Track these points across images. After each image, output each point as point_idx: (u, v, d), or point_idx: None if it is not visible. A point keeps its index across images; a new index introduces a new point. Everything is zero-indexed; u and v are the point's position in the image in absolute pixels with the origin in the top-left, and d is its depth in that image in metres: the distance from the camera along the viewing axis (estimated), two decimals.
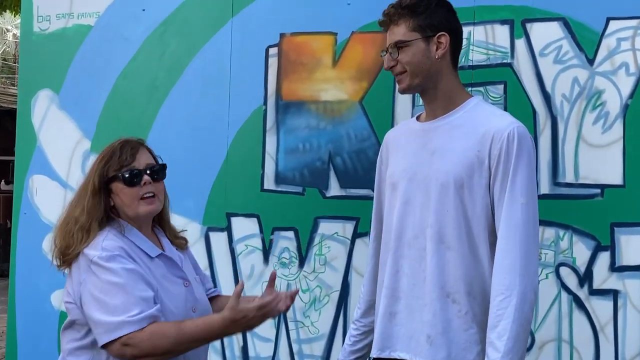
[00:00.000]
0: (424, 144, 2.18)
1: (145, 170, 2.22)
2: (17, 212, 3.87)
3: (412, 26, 2.20)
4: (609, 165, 3.15)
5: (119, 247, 2.16)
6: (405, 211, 2.16)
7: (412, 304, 2.12)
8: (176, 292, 2.19)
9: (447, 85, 2.19)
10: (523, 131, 2.10)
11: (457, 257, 2.08)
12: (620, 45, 3.17)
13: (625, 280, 3.14)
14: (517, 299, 1.99)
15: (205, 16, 3.68)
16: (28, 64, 3.94)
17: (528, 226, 2.04)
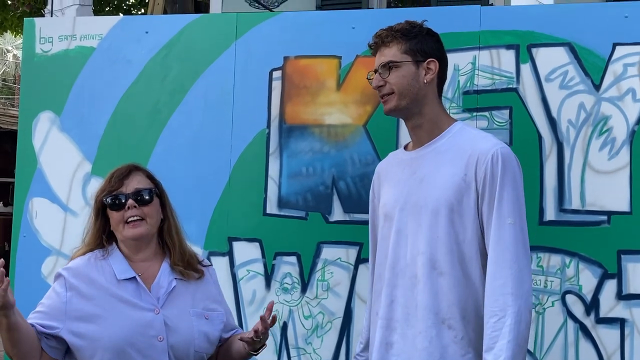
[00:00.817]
0: (412, 172, 2.19)
1: (131, 195, 2.27)
2: (17, 235, 3.85)
3: (403, 49, 2.25)
4: (615, 192, 3.15)
5: (75, 268, 2.31)
6: (397, 241, 2.17)
7: (407, 333, 2.12)
8: (134, 315, 2.19)
9: (432, 110, 2.23)
10: (507, 152, 2.12)
11: (450, 282, 2.08)
12: (627, 71, 3.17)
13: (632, 309, 3.13)
14: (511, 319, 2.00)
15: (208, 39, 3.68)
16: (30, 86, 3.93)
17: (517, 246, 2.05)
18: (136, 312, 2.19)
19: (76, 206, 3.78)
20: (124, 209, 2.29)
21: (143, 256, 2.32)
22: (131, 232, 2.29)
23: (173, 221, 2.42)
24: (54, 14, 4.36)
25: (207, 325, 2.27)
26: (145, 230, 2.29)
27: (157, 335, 2.17)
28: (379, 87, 2.30)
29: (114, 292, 2.20)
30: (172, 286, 2.28)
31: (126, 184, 2.32)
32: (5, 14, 11.83)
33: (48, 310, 2.22)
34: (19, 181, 3.89)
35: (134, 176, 2.37)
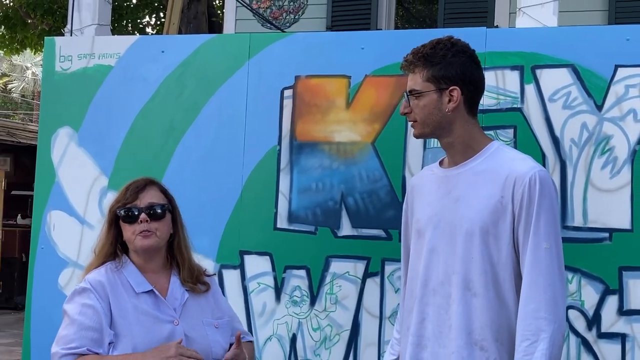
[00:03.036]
0: (448, 191, 2.16)
1: (145, 209, 2.28)
2: (35, 247, 3.87)
3: (426, 76, 2.20)
4: (617, 210, 3.15)
5: (98, 281, 2.28)
6: (430, 259, 2.14)
7: (438, 352, 2.10)
8: (156, 327, 2.20)
9: (463, 134, 2.18)
10: (545, 175, 2.09)
11: (483, 303, 2.05)
12: (629, 92, 3.18)
13: (633, 324, 3.12)
14: (544, 344, 1.97)
15: (222, 58, 3.71)
16: (49, 102, 3.96)
17: (553, 270, 2.02)
18: (158, 325, 2.20)
19: (93, 219, 3.79)
20: (137, 222, 2.30)
21: (153, 266, 2.33)
22: (141, 243, 2.30)
23: (182, 237, 2.43)
24: (73, 33, 4.39)
25: (219, 334, 2.28)
26: (154, 242, 2.30)
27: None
28: (405, 114, 2.27)
29: (135, 305, 2.21)
30: (185, 298, 2.29)
31: (141, 198, 2.34)
32: (26, 32, 11.88)
33: (98, 325, 2.19)
34: (37, 194, 3.91)
35: (149, 190, 2.38)
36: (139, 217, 2.29)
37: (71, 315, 2.24)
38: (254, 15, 7.11)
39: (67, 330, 2.22)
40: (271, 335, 3.50)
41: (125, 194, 2.37)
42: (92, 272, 2.33)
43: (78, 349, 2.17)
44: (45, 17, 11.11)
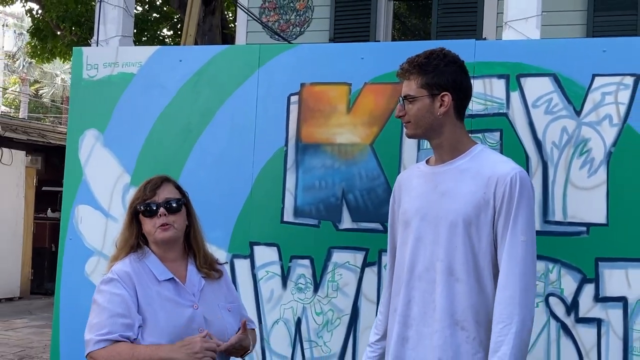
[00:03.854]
0: (434, 186, 2.18)
1: (162, 204, 2.29)
2: (63, 238, 3.88)
3: (420, 83, 2.21)
4: (594, 206, 3.15)
5: (124, 271, 2.27)
6: (417, 247, 2.15)
7: (422, 330, 2.11)
8: (178, 312, 2.20)
9: (451, 135, 2.20)
10: (524, 176, 2.11)
11: (465, 288, 2.07)
12: (605, 99, 3.18)
13: (608, 310, 3.12)
14: (516, 327, 1.99)
15: (234, 67, 3.71)
16: (77, 106, 3.97)
17: (527, 261, 2.04)
18: (179, 309, 2.20)
19: (116, 213, 3.80)
20: (156, 216, 2.31)
21: (172, 256, 2.33)
22: (161, 235, 2.30)
23: (196, 227, 2.43)
24: (99, 44, 4.40)
25: (231, 317, 2.29)
26: (173, 234, 2.31)
27: (199, 327, 2.20)
28: (399, 116, 2.28)
29: (159, 292, 2.21)
30: (202, 284, 2.29)
31: (158, 194, 2.34)
32: (55, 42, 11.89)
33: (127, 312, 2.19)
34: (66, 190, 3.92)
35: (165, 187, 2.38)
36: (158, 211, 2.30)
37: (101, 304, 2.23)
38: (263, 28, 7.11)
39: (99, 318, 2.21)
40: (278, 319, 3.51)
41: (144, 191, 2.38)
42: (117, 264, 2.33)
43: (111, 335, 2.16)
44: (74, 28, 11.12)
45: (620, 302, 3.11)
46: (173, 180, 2.48)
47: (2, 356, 7.24)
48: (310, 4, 7.18)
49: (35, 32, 12.19)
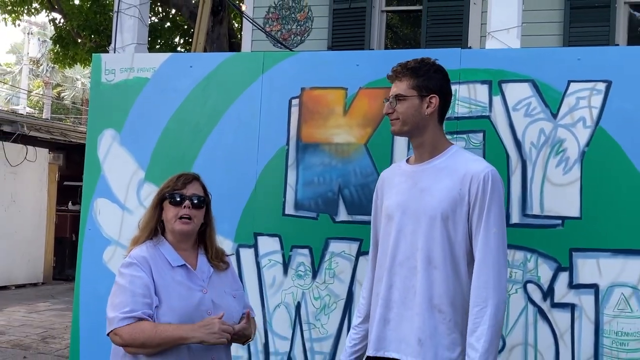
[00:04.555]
0: (414, 183, 2.19)
1: (189, 197, 2.29)
2: (83, 228, 3.89)
3: (411, 85, 2.22)
4: (568, 201, 3.16)
5: (142, 256, 2.27)
6: (399, 238, 2.16)
7: (402, 313, 2.12)
8: (188, 295, 2.21)
9: (432, 136, 2.21)
10: (495, 174, 2.12)
11: (442, 275, 2.08)
12: (579, 103, 3.18)
13: (581, 296, 3.13)
14: (491, 310, 2.00)
15: (240, 73, 3.71)
16: (96, 108, 3.97)
17: (499, 251, 2.05)
18: (190, 293, 2.21)
19: (132, 205, 3.81)
20: (181, 206, 2.30)
21: (185, 246, 2.33)
22: (180, 227, 2.30)
23: (212, 227, 2.43)
24: (116, 51, 4.40)
25: (236, 302, 2.30)
26: (191, 228, 2.31)
27: (207, 310, 2.20)
28: (388, 114, 2.29)
29: (172, 277, 2.22)
30: (210, 272, 2.30)
31: (188, 188, 2.34)
32: (76, 49, 11.87)
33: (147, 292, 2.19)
34: (86, 185, 3.92)
35: (194, 184, 2.38)
36: (184, 202, 2.29)
37: (123, 285, 2.22)
38: (267, 36, 7.11)
39: (122, 298, 2.20)
40: (280, 303, 3.52)
41: (176, 182, 2.37)
42: (135, 249, 2.32)
43: (135, 312, 2.16)
44: (93, 37, 11.12)
45: (592, 289, 3.11)
46: (201, 180, 2.47)
47: (27, 336, 7.25)
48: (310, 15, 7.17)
49: (58, 39, 12.18)
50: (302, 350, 3.49)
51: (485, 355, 1.96)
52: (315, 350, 3.47)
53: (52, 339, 7.15)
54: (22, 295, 10.36)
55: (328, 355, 3.45)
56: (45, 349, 6.68)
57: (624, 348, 3.07)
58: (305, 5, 7.19)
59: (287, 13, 7.22)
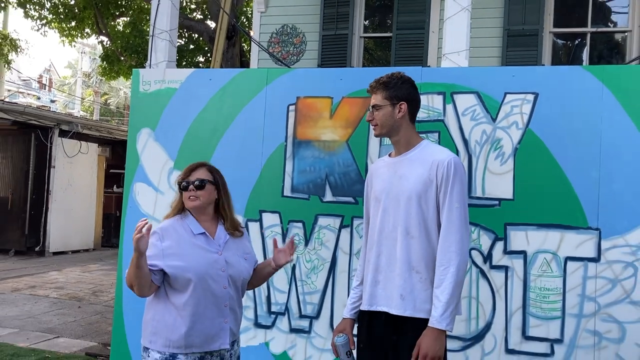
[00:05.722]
0: (394, 172, 2.18)
1: (192, 182, 2.26)
2: (125, 206, 3.87)
3: (384, 96, 2.20)
4: (504, 186, 3.17)
5: (163, 227, 2.25)
6: (384, 216, 2.15)
7: (389, 275, 2.11)
8: (206, 256, 2.18)
9: (405, 134, 2.19)
10: (457, 161, 2.11)
11: (418, 243, 2.07)
12: (513, 110, 3.19)
13: (512, 260, 3.15)
14: (452, 269, 1.99)
15: (248, 84, 3.70)
16: (135, 112, 3.95)
17: (460, 221, 2.04)
18: (207, 254, 2.19)
19: (163, 188, 3.80)
20: (188, 190, 2.28)
21: (204, 218, 2.30)
22: (189, 204, 2.28)
23: (225, 200, 2.37)
24: (151, 66, 4.37)
25: (247, 263, 2.28)
26: (197, 204, 2.27)
27: (221, 268, 2.18)
28: (369, 121, 2.27)
29: (192, 242, 2.20)
30: (226, 238, 2.28)
31: (193, 175, 2.30)
32: (119, 65, 11.79)
33: (152, 255, 2.20)
34: (127, 172, 3.90)
35: (198, 170, 2.34)
36: (189, 187, 2.28)
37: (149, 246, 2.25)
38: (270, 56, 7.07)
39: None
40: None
41: (184, 173, 2.36)
42: (164, 222, 2.32)
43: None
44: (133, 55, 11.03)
45: (522, 254, 3.14)
46: (209, 165, 2.41)
47: (81, 290, 7.23)
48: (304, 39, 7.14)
49: (105, 57, 12.08)
50: (296, 301, 3.50)
51: (447, 305, 1.96)
52: (307, 301, 3.49)
53: (101, 293, 7.13)
54: (77, 259, 10.32)
55: (316, 305, 3.46)
56: (96, 300, 6.67)
57: (546, 300, 3.10)
58: (300, 32, 7.16)
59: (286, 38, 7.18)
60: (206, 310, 2.12)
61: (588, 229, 3.05)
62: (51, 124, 10.51)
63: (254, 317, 3.57)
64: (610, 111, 3.07)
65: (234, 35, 9.01)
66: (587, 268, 3.04)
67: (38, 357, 4.20)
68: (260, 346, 3.54)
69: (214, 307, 2.14)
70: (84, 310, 6.02)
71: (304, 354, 3.47)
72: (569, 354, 3.05)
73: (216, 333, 2.12)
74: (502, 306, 3.14)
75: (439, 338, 1.95)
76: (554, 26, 6.36)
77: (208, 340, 2.11)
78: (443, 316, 1.95)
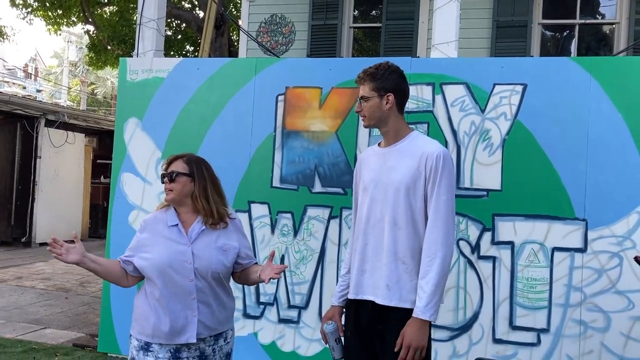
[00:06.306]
0: (384, 162, 2.15)
1: (167, 174, 2.22)
2: (112, 197, 3.84)
3: (372, 87, 2.17)
4: (492, 177, 3.19)
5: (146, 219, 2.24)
6: (371, 206, 2.14)
7: (375, 264, 2.10)
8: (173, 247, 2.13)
9: (394, 125, 2.16)
10: (446, 153, 2.10)
11: (405, 234, 2.06)
12: (502, 101, 3.20)
13: (500, 250, 3.17)
14: (438, 260, 1.98)
15: (237, 74, 3.67)
16: (123, 101, 3.91)
17: (447, 213, 2.03)
18: (175, 246, 2.14)
19: (151, 178, 3.77)
20: (163, 182, 2.25)
21: (184, 210, 2.24)
22: (165, 197, 2.25)
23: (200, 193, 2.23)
24: (138, 56, 4.32)
25: (224, 255, 2.19)
26: (170, 197, 2.20)
27: (187, 260, 2.13)
28: (358, 112, 2.25)
29: (165, 234, 2.16)
30: (201, 230, 2.20)
31: (169, 168, 2.25)
32: (107, 54, 11.67)
33: (131, 246, 2.19)
34: (114, 162, 3.87)
35: (175, 163, 2.26)
36: (163, 179, 2.24)
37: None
38: (259, 46, 7.02)
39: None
40: (268, 256, 3.51)
41: (164, 164, 2.31)
42: (152, 213, 2.28)
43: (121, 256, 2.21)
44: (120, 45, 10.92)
45: (509, 245, 3.16)
46: (189, 156, 2.32)
47: (68, 281, 7.18)
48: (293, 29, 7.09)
49: (92, 47, 11.95)
50: (285, 291, 3.50)
51: (432, 296, 1.96)
52: (295, 291, 3.49)
53: (88, 284, 7.09)
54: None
55: (305, 295, 3.47)
56: (83, 291, 6.63)
57: (533, 290, 3.13)
58: (289, 22, 7.10)
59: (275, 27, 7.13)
60: (170, 303, 2.10)
61: (575, 220, 3.07)
62: (37, 113, 10.39)
63: (242, 307, 3.56)
64: (597, 102, 3.08)
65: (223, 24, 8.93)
66: (574, 258, 3.07)
67: (25, 348, 4.17)
68: (249, 336, 3.54)
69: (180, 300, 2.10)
70: (71, 301, 5.98)
71: (292, 344, 3.47)
72: (555, 343, 3.09)
73: (183, 326, 2.09)
74: (489, 296, 3.16)
75: (423, 328, 1.96)
76: (543, 17, 6.37)
77: (174, 333, 2.08)
78: (427, 307, 1.95)
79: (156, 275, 2.11)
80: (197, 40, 11.64)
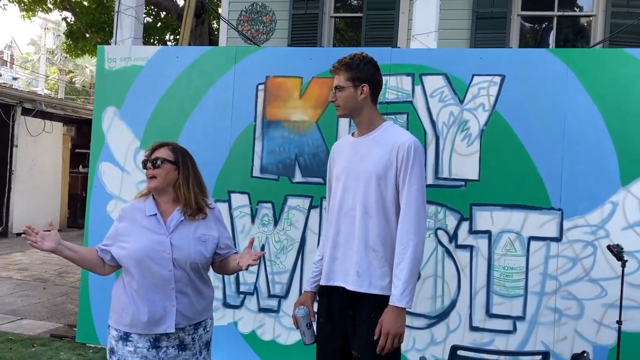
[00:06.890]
0: (356, 152, 2.16)
1: (151, 160, 2.19)
2: (90, 186, 3.80)
3: (346, 77, 2.17)
4: (470, 167, 3.21)
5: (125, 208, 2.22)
6: (343, 194, 2.15)
7: (346, 252, 2.11)
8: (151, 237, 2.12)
9: (368, 115, 2.17)
10: (417, 143, 2.11)
11: (376, 222, 2.07)
12: (480, 92, 3.22)
13: (477, 240, 3.21)
14: (411, 249, 2.00)
15: (217, 63, 3.64)
16: (101, 90, 3.85)
17: (419, 202, 2.05)
18: (153, 236, 2.12)
19: (129, 168, 3.73)
20: (146, 168, 2.21)
21: (164, 199, 2.22)
22: (148, 185, 2.22)
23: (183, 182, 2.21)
24: (117, 43, 4.25)
25: (203, 245, 2.18)
26: (154, 184, 2.17)
27: (165, 250, 2.12)
28: (332, 101, 2.25)
29: (142, 223, 2.13)
30: (179, 220, 2.19)
31: (154, 154, 2.23)
32: (85, 42, 11.47)
33: (108, 235, 2.17)
34: (92, 151, 3.82)
35: (160, 150, 2.23)
36: (147, 165, 2.21)
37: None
38: (239, 34, 6.96)
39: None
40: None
41: (147, 150, 2.27)
42: (129, 202, 2.25)
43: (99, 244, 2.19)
44: (98, 32, 10.74)
45: (486, 234, 3.20)
46: (174, 145, 2.31)
47: (46, 272, 7.10)
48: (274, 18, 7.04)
49: (70, 34, 11.73)
50: (265, 280, 3.51)
51: (406, 284, 1.98)
52: (275, 281, 3.49)
53: (67, 274, 7.01)
54: None
55: (285, 285, 3.47)
56: (61, 281, 6.55)
57: (509, 279, 3.18)
58: (270, 11, 7.05)
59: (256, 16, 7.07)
60: (148, 293, 2.08)
61: (551, 210, 3.12)
62: (13, 101, 10.19)
63: (222, 297, 3.56)
64: (574, 94, 3.12)
65: (203, 13, 8.83)
66: (550, 247, 3.12)
67: (1, 339, 4.11)
68: (228, 326, 3.54)
69: (158, 290, 2.09)
70: (49, 292, 5.91)
71: (272, 333, 3.48)
72: (530, 331, 3.14)
73: (162, 316, 2.08)
74: (467, 285, 3.20)
75: (400, 315, 1.98)
76: (522, 9, 6.41)
77: (152, 323, 2.07)
78: (403, 294, 1.97)
79: (134, 265, 2.09)
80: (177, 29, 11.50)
